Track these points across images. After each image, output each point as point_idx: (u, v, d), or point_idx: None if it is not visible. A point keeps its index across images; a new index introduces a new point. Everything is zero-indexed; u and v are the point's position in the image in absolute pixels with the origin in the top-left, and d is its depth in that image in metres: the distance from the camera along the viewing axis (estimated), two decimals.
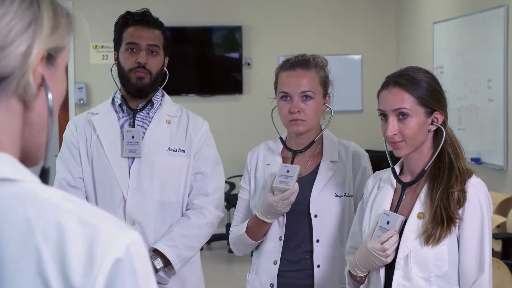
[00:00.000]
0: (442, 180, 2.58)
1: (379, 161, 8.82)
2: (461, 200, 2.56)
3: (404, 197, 2.67)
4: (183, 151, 3.24)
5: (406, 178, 2.71)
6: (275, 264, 3.03)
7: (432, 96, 2.61)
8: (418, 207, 2.61)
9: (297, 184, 2.91)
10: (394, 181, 2.72)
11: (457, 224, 2.56)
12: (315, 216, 2.99)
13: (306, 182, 3.02)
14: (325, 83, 3.06)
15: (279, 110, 3.03)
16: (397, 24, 9.47)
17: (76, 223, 1.08)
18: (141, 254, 1.10)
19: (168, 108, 3.30)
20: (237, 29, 9.32)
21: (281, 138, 3.11)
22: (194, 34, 9.36)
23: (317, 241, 3.00)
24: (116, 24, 3.27)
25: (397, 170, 2.73)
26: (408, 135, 2.58)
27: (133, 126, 3.21)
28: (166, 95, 3.34)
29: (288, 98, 2.98)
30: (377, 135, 10.62)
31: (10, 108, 1.14)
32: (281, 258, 3.02)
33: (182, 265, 3.19)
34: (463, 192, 2.56)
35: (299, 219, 3.02)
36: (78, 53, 9.09)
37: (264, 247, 3.07)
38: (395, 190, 2.72)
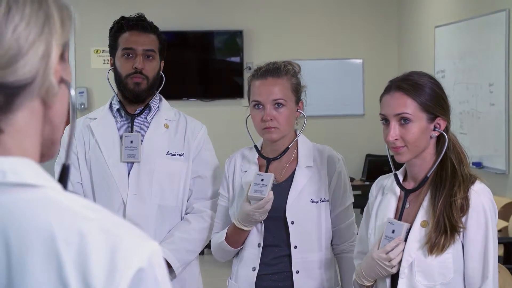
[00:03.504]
0: (444, 188, 2.55)
1: (380, 165, 8.82)
2: (464, 208, 2.53)
3: (408, 204, 2.65)
4: (182, 155, 3.24)
5: (409, 185, 2.68)
6: (253, 270, 3.04)
7: (435, 101, 2.57)
8: (422, 215, 2.58)
9: (271, 192, 2.92)
10: (398, 188, 2.69)
11: (461, 232, 2.53)
12: (292, 222, 3.01)
13: (282, 189, 3.04)
14: (297, 90, 3.06)
15: (252, 119, 3.05)
16: (398, 28, 9.47)
17: (98, 232, 1.07)
18: (161, 264, 1.10)
19: (166, 112, 3.30)
20: (238, 34, 9.31)
21: (255, 146, 3.12)
22: (195, 38, 9.35)
23: (295, 247, 3.01)
24: (111, 29, 3.27)
25: (400, 177, 2.70)
26: (409, 140, 2.55)
27: (132, 131, 3.22)
28: (163, 99, 3.34)
29: (261, 107, 2.99)
30: (379, 139, 10.62)
31: (33, 111, 1.14)
32: (260, 263, 3.04)
33: (182, 268, 3.20)
34: (466, 200, 2.53)
35: (276, 225, 3.03)
36: (79, 58, 9.09)
37: (244, 254, 3.08)
38: (399, 197, 2.70)
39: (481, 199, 2.55)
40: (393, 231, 2.59)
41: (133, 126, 3.23)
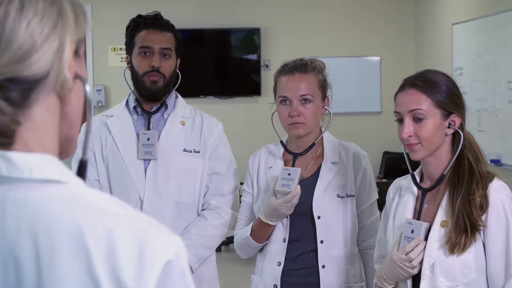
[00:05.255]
0: (462, 186, 2.53)
1: (397, 162, 8.80)
2: (484, 206, 2.50)
3: (426, 204, 2.63)
4: (198, 152, 3.26)
5: (426, 184, 2.66)
6: (279, 265, 3.06)
7: (449, 98, 2.56)
8: (441, 215, 2.56)
9: (299, 186, 2.94)
10: (415, 188, 2.67)
11: (481, 231, 2.50)
12: (318, 217, 3.03)
13: (308, 184, 3.06)
14: (323, 86, 3.09)
15: (279, 114, 3.07)
16: (416, 25, 9.44)
17: (126, 227, 1.10)
18: (186, 257, 1.14)
19: (182, 109, 3.32)
20: (255, 31, 9.31)
21: (281, 142, 3.14)
22: (212, 36, 9.36)
23: (321, 241, 3.03)
24: (128, 27, 3.28)
25: (417, 177, 2.68)
26: (424, 137, 2.54)
27: (148, 128, 3.23)
28: (179, 96, 3.36)
29: (288, 102, 3.02)
30: (396, 137, 10.54)
31: (50, 106, 1.15)
32: (285, 259, 3.05)
33: (199, 264, 3.22)
34: (485, 198, 2.50)
35: (302, 220, 3.05)
36: (96, 56, 9.12)
37: (268, 249, 3.10)
38: (417, 197, 2.68)
39: (500, 196, 2.52)
40: (412, 231, 2.57)
41: (149, 123, 3.24)
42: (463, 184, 2.53)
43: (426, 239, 2.56)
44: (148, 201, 3.17)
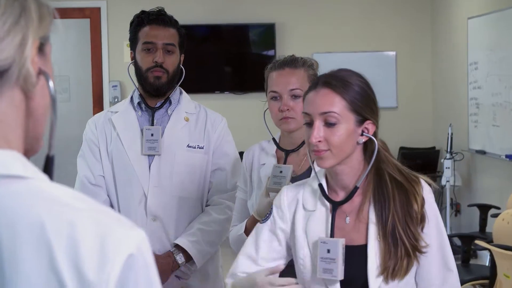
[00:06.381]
0: (389, 205, 2.29)
1: (413, 158, 8.78)
2: (423, 218, 2.30)
3: (348, 218, 2.36)
4: (202, 148, 3.26)
5: (338, 196, 2.38)
6: None
7: (365, 102, 2.31)
8: (373, 243, 2.30)
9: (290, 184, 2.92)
10: (324, 200, 2.39)
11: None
12: None
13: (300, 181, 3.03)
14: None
15: (270, 110, 3.04)
16: (431, 20, 9.40)
17: (88, 221, 1.10)
18: (149, 250, 1.14)
19: (186, 105, 3.32)
20: (271, 27, 9.31)
21: (274, 139, 3.10)
22: (228, 31, 9.36)
23: None
24: (132, 23, 3.30)
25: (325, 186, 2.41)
26: (334, 143, 2.26)
27: (152, 124, 3.24)
28: (184, 92, 3.37)
29: (278, 98, 3.00)
30: (412, 132, 10.57)
31: (13, 100, 1.16)
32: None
33: (203, 260, 3.22)
34: (422, 207, 2.30)
35: None
36: (112, 52, 9.16)
37: None
38: (329, 211, 2.38)
39: (429, 199, 2.34)
40: (328, 251, 2.29)
41: (153, 119, 3.26)
42: (390, 203, 2.29)
43: (347, 256, 2.30)
44: (152, 197, 3.19)
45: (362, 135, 2.31)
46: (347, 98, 2.28)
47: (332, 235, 2.33)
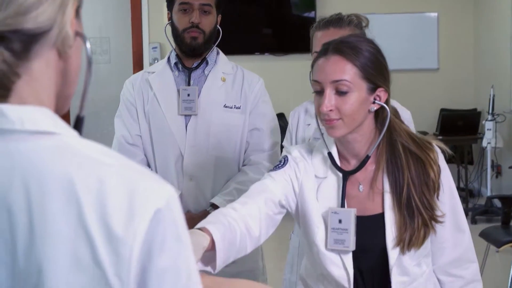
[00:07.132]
0: (404, 176, 2.25)
1: (454, 120, 8.71)
2: (439, 186, 2.27)
3: (362, 188, 2.32)
4: (239, 108, 3.25)
5: (349, 165, 2.34)
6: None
7: (377, 69, 2.22)
8: (389, 203, 2.27)
9: None
10: (337, 171, 2.34)
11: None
12: None
13: None
14: None
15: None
16: None
17: (117, 177, 1.12)
18: (179, 207, 1.14)
19: (223, 65, 3.31)
20: None
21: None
22: None
23: None
24: None
25: (335, 156, 2.35)
26: (346, 112, 2.19)
27: (189, 84, 3.24)
28: (221, 53, 3.35)
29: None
30: (453, 94, 10.45)
31: (49, 61, 1.18)
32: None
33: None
34: (439, 176, 2.26)
35: None
36: (152, 13, 9.17)
37: None
38: (340, 180, 2.34)
39: (443, 165, 2.31)
40: (340, 221, 2.26)
41: (190, 79, 3.25)
42: (404, 173, 2.25)
43: (358, 226, 2.27)
44: (188, 156, 3.19)
45: (374, 102, 2.25)
46: (358, 65, 2.20)
47: (343, 205, 2.29)
